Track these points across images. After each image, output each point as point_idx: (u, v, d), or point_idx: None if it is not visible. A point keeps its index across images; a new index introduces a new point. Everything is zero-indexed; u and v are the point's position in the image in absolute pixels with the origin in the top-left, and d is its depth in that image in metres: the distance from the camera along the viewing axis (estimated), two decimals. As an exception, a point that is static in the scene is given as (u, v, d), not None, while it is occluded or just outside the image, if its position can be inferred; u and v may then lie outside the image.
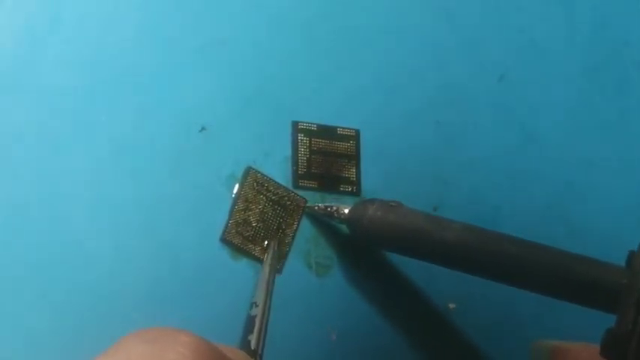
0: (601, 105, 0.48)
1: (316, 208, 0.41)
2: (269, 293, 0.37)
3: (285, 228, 0.41)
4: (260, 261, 0.40)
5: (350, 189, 0.42)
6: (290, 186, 0.41)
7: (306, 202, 0.41)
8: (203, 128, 0.40)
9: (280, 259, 0.40)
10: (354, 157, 0.43)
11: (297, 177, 0.41)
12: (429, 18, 0.45)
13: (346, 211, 0.40)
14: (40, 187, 0.37)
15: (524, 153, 0.46)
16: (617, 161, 0.47)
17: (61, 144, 0.38)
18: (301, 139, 0.42)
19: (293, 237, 0.41)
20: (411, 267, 0.41)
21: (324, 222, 0.41)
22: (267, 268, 0.38)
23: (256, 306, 0.36)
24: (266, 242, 0.40)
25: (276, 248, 0.39)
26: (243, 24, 0.42)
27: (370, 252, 0.42)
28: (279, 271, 0.40)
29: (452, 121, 0.45)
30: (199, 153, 0.40)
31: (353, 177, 0.42)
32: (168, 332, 0.26)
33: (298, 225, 0.41)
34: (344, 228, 0.41)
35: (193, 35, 0.41)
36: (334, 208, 0.40)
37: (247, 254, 0.40)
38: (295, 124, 0.42)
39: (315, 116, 0.42)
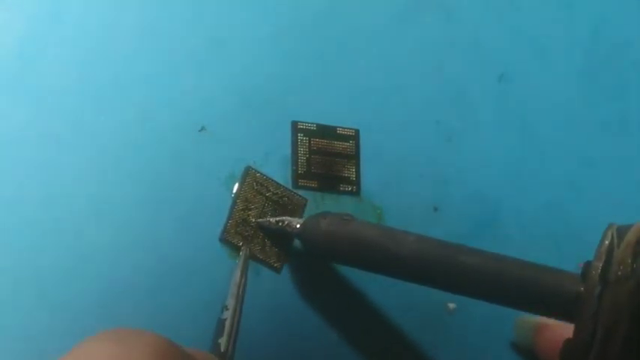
0: (601, 105, 0.48)
1: (267, 222, 0.40)
2: (240, 297, 0.37)
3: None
4: (259, 261, 0.40)
5: (350, 189, 0.42)
6: (290, 186, 0.41)
7: (306, 201, 0.41)
8: (203, 128, 0.40)
9: (280, 259, 0.40)
10: (354, 157, 0.43)
11: (296, 177, 0.41)
12: (429, 18, 0.45)
13: (298, 225, 0.39)
14: (40, 187, 0.37)
15: (524, 153, 0.46)
16: (617, 161, 0.47)
17: (61, 144, 0.38)
18: (301, 139, 0.42)
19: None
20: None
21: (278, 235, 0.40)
22: (238, 272, 0.38)
23: (227, 309, 0.36)
24: (241, 244, 0.40)
25: (248, 253, 0.39)
26: (243, 24, 0.42)
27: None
28: (278, 270, 0.40)
29: (452, 121, 0.45)
30: (199, 153, 0.40)
31: (353, 177, 0.42)
32: (134, 333, 0.27)
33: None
34: (297, 242, 0.40)
35: (193, 35, 0.41)
36: (286, 222, 0.39)
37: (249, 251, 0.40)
38: (295, 124, 0.42)
39: (314, 116, 0.42)
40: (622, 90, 0.48)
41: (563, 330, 0.31)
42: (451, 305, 0.43)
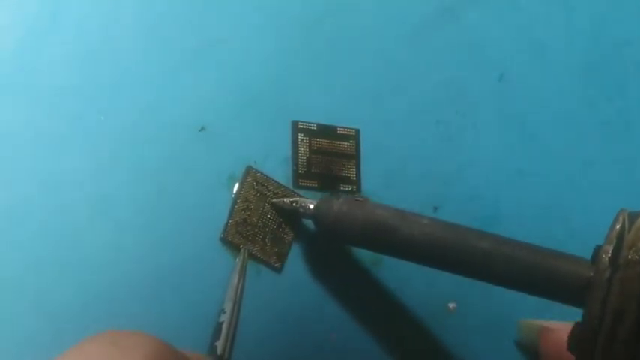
0: (601, 105, 0.48)
1: (282, 203, 0.40)
2: (237, 300, 0.37)
3: (285, 228, 0.41)
4: (260, 261, 0.40)
5: (350, 188, 0.42)
6: (290, 186, 0.41)
7: (306, 202, 0.41)
8: (203, 128, 0.40)
9: (280, 258, 0.40)
10: (354, 157, 0.43)
11: (297, 177, 0.41)
12: (428, 18, 0.45)
13: (311, 206, 0.39)
14: (39, 187, 0.37)
15: (524, 153, 0.46)
16: (617, 161, 0.47)
17: (60, 144, 0.38)
18: (301, 139, 0.42)
19: (293, 237, 0.41)
20: (411, 267, 0.41)
21: (291, 216, 0.40)
22: (235, 275, 0.38)
23: (224, 312, 0.36)
24: (241, 247, 0.40)
25: (246, 255, 0.39)
26: (243, 24, 0.42)
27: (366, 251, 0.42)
28: (278, 270, 0.40)
29: (452, 121, 0.45)
30: (199, 153, 0.40)
31: (353, 177, 0.42)
32: (129, 335, 0.27)
33: (298, 225, 0.41)
34: (310, 223, 0.40)
35: (193, 35, 0.41)
36: (300, 203, 0.40)
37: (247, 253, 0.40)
38: (295, 123, 0.42)
39: (315, 116, 0.42)
40: (622, 90, 0.48)
41: (567, 333, 0.31)
42: (451, 305, 0.43)
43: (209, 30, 0.41)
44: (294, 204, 0.40)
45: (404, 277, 0.42)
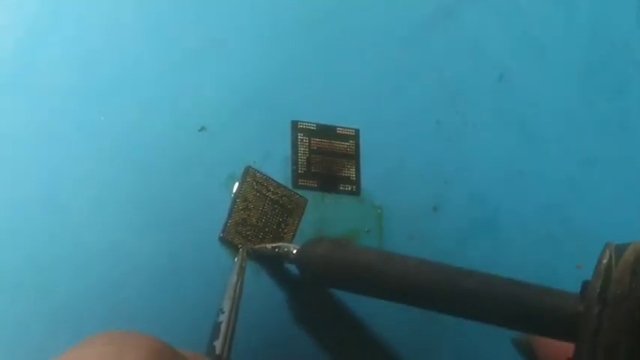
0: (601, 105, 0.48)
1: (263, 248, 0.39)
2: (236, 300, 0.37)
3: (284, 227, 0.41)
4: (260, 260, 0.40)
5: (350, 188, 0.42)
6: (290, 186, 0.41)
7: (306, 201, 0.41)
8: (203, 128, 0.40)
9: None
10: (354, 157, 0.43)
11: (296, 176, 0.41)
12: (428, 18, 0.45)
13: (295, 251, 0.38)
14: (39, 187, 0.37)
15: (524, 153, 0.46)
16: (617, 161, 0.47)
17: (61, 144, 0.38)
18: (301, 139, 0.42)
19: (293, 237, 0.41)
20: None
21: (272, 262, 0.40)
22: (234, 275, 0.38)
23: (222, 312, 0.36)
24: (240, 246, 0.40)
25: (245, 255, 0.39)
26: (243, 24, 0.42)
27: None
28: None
29: (452, 121, 0.45)
30: (199, 153, 0.40)
31: (353, 176, 0.42)
32: (127, 335, 0.27)
33: (298, 224, 0.41)
34: (293, 268, 0.39)
35: (193, 35, 0.41)
36: (282, 248, 0.39)
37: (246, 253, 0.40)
38: (295, 123, 0.42)
39: (314, 116, 0.42)
40: (622, 90, 0.48)
41: (560, 345, 0.31)
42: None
43: (209, 30, 0.41)
44: (276, 249, 0.39)
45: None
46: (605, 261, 0.30)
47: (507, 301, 0.32)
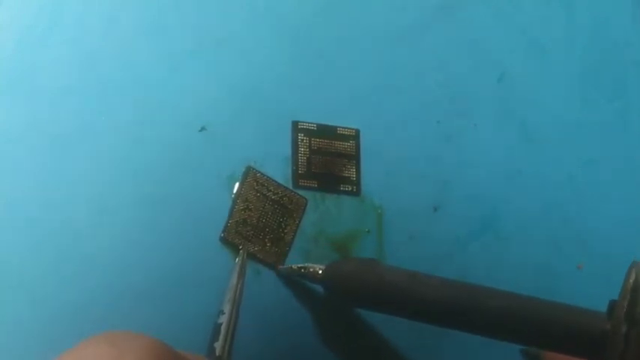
0: (600, 105, 0.48)
1: (289, 269, 0.39)
2: (236, 301, 0.37)
3: (285, 228, 0.41)
4: (259, 260, 0.40)
5: (350, 188, 0.42)
6: (290, 186, 0.41)
7: (306, 201, 0.41)
8: (203, 128, 0.40)
9: (280, 259, 0.40)
10: (354, 157, 0.43)
11: (297, 177, 0.41)
12: (429, 18, 0.45)
13: (320, 271, 0.38)
14: (40, 187, 0.37)
15: (524, 153, 0.46)
16: (616, 161, 0.47)
17: (61, 144, 0.38)
18: (301, 139, 0.42)
19: (293, 236, 0.41)
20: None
21: (298, 282, 0.40)
22: (235, 277, 0.38)
23: (223, 314, 0.36)
24: (240, 247, 0.40)
25: (245, 256, 0.39)
26: (244, 24, 0.42)
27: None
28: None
29: (452, 121, 0.45)
30: (199, 153, 0.40)
31: (353, 176, 0.42)
32: (128, 336, 0.27)
33: (298, 225, 0.41)
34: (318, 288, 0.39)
35: (193, 35, 0.41)
36: (309, 268, 0.39)
37: (247, 254, 0.40)
38: (295, 123, 0.42)
39: (315, 116, 0.42)
40: (622, 90, 0.48)
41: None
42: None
43: (209, 30, 0.41)
44: (302, 270, 0.39)
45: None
46: (631, 280, 0.30)
47: (534, 320, 0.33)
